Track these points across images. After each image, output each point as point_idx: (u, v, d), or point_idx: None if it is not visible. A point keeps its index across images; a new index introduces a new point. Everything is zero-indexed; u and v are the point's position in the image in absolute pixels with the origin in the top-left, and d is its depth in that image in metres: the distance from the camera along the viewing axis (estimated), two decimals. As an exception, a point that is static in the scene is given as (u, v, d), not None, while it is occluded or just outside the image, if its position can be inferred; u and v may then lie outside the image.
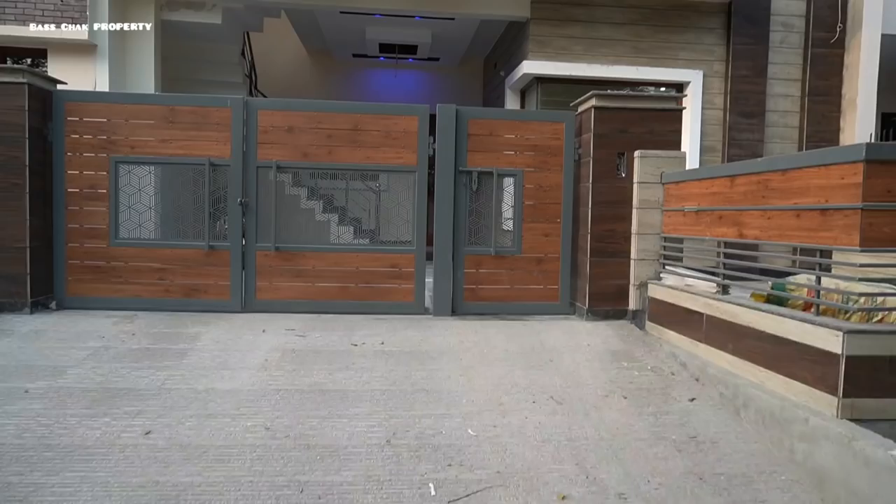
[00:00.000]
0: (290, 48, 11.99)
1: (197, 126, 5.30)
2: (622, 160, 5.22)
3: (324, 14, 9.24)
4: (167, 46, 8.45)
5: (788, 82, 8.39)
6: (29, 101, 4.95)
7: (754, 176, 3.82)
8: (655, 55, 8.17)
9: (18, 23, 6.98)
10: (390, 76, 12.22)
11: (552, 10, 8.00)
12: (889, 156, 2.89)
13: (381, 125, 5.37)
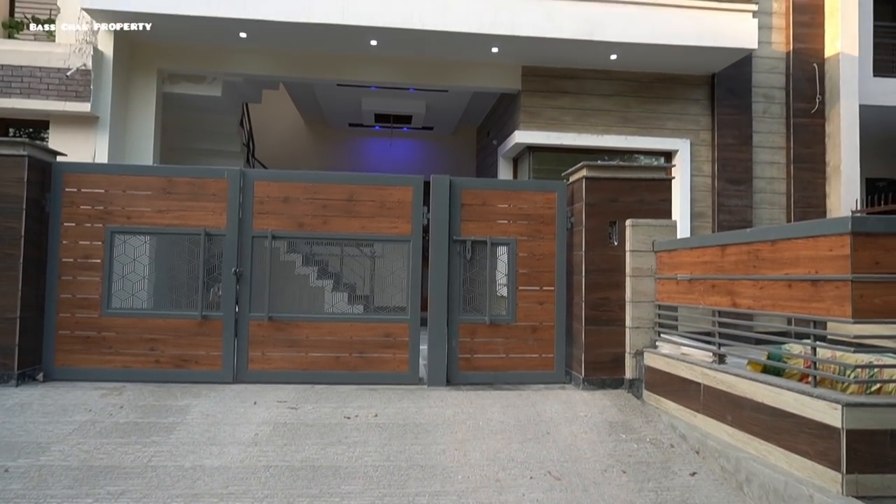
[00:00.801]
0: (288, 118, 12.31)
1: (194, 197, 5.37)
2: (614, 229, 5.29)
3: (321, 86, 9.54)
4: (167, 117, 8.66)
5: (773, 150, 8.62)
6: (28, 172, 5.02)
7: (744, 246, 3.87)
8: (643, 125, 8.42)
9: (23, 96, 7.15)
10: (385, 145, 12.51)
11: (542, 83, 8.29)
12: (874, 228, 2.95)
13: (376, 195, 5.45)
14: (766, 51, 8.60)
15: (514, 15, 7.21)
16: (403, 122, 11.50)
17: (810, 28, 8.64)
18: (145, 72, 7.86)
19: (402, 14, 7.07)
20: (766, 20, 8.60)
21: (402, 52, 7.94)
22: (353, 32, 7.28)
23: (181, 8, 6.86)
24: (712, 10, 7.59)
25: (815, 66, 8.58)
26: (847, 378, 3.28)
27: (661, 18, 7.45)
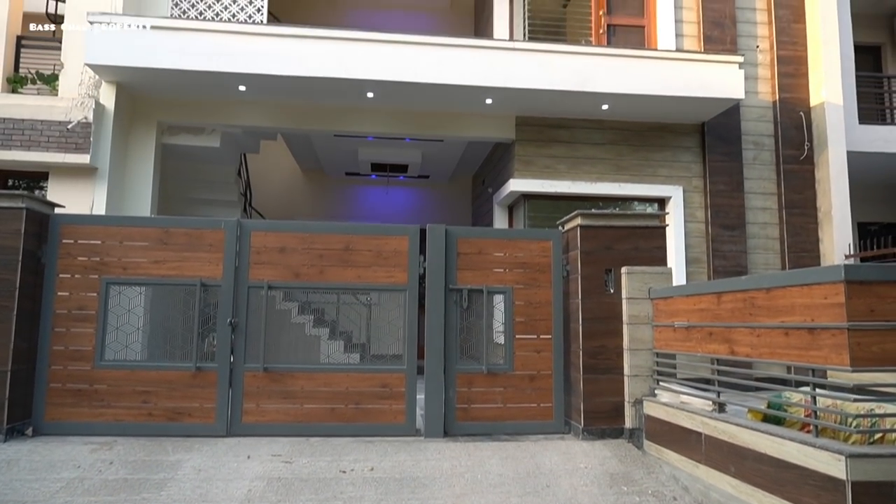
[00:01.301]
0: (285, 167, 12.45)
1: (190, 247, 5.38)
2: (610, 276, 5.31)
3: (318, 137, 9.68)
4: (166, 167, 8.75)
5: (765, 196, 8.73)
6: (26, 224, 5.04)
7: (739, 293, 3.88)
8: (636, 172, 8.54)
9: (24, 148, 7.22)
10: (382, 193, 12.63)
11: (536, 132, 8.44)
12: (867, 276, 2.96)
13: (372, 245, 5.48)
14: (753, 100, 8.81)
15: (508, 67, 7.40)
16: (400, 170, 11.65)
17: (795, 78, 8.88)
18: (145, 124, 7.98)
19: (397, 67, 7.25)
20: (752, 71, 8.83)
21: (398, 103, 8.10)
22: (350, 85, 7.44)
23: (183, 63, 7.02)
24: (699, 62, 7.80)
25: (801, 115, 8.78)
26: (849, 427, 3.25)
27: (650, 70, 7.66)
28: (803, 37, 8.94)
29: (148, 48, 7.00)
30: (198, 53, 7.04)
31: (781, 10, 8.94)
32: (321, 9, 12.42)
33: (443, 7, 12.77)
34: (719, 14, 8.76)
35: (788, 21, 8.94)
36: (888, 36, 12.19)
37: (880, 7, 11.87)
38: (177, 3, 8.10)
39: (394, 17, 12.53)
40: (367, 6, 12.61)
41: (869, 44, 11.96)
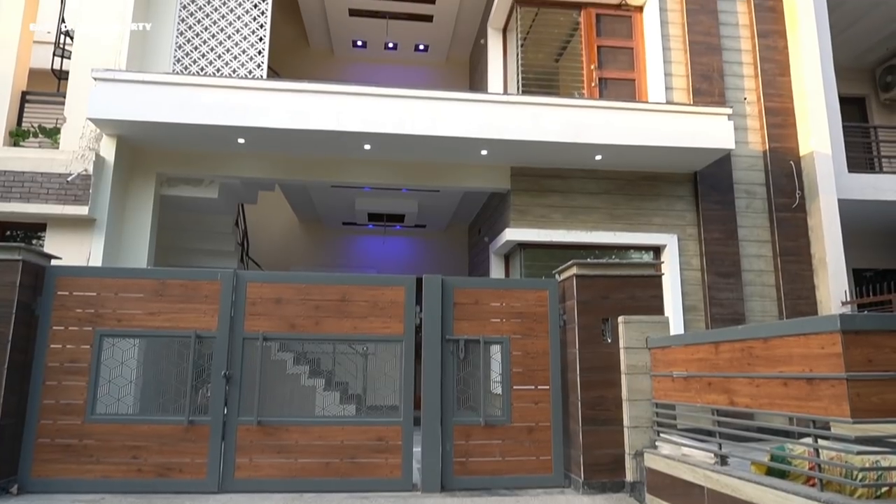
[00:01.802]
0: (283, 217, 12.54)
1: (186, 299, 5.36)
2: (607, 325, 5.29)
3: (316, 188, 9.79)
4: (163, 217, 8.80)
5: (759, 243, 8.79)
6: (21, 277, 5.03)
7: (737, 343, 3.86)
8: (631, 221, 8.61)
9: (23, 200, 7.27)
10: (379, 243, 12.69)
11: (531, 182, 8.55)
12: (863, 326, 2.96)
13: (368, 296, 5.47)
14: (743, 150, 8.97)
15: (502, 120, 7.55)
16: (396, 220, 11.74)
17: (783, 129, 9.07)
18: (144, 175, 8.07)
19: (394, 120, 7.40)
20: (742, 122, 9.03)
21: (394, 155, 8.23)
22: (348, 137, 7.57)
23: (183, 117, 7.15)
24: (689, 113, 7.99)
25: (791, 164, 8.93)
26: (854, 481, 3.18)
27: (641, 121, 7.82)
28: (789, 89, 9.19)
29: (149, 103, 7.15)
30: (198, 107, 7.18)
31: (767, 63, 9.20)
32: (320, 63, 12.76)
33: (439, 62, 13.12)
34: (707, 68, 9.02)
35: (774, 74, 9.20)
36: (871, 88, 12.54)
37: (862, 61, 12.25)
38: (179, 60, 8.31)
39: (391, 71, 12.87)
40: (364, 61, 12.97)
41: (853, 95, 12.30)
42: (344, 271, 12.45)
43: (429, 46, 12.61)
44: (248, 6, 8.57)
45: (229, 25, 8.50)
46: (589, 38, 9.13)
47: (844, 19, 10.77)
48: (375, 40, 12.35)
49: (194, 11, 8.47)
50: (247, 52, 8.46)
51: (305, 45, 12.67)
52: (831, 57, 9.52)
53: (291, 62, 12.37)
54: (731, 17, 9.42)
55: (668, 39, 9.12)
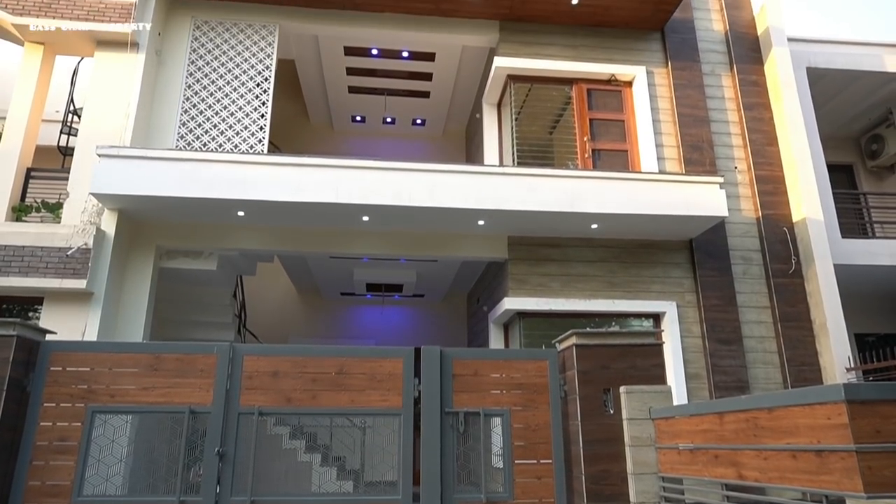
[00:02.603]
0: (281, 287, 12.54)
1: (181, 373, 5.28)
2: (608, 396, 5.19)
3: (314, 258, 9.85)
4: (161, 290, 8.79)
5: (759, 310, 8.77)
6: (15, 353, 4.96)
7: (741, 413, 3.78)
8: (629, 289, 8.62)
9: (21, 275, 7.28)
10: (377, 313, 12.64)
11: (528, 251, 8.61)
12: (868, 396, 2.91)
13: (366, 368, 5.40)
14: (737, 217, 9.10)
15: (498, 191, 7.69)
16: (394, 290, 11.75)
17: (775, 196, 9.24)
18: (144, 248, 8.12)
19: (392, 192, 7.53)
20: (734, 190, 9.21)
21: (392, 226, 8.32)
22: (346, 209, 7.68)
23: (184, 191, 7.28)
24: (682, 182, 8.15)
25: (785, 231, 9.04)
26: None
27: (635, 191, 7.97)
28: (778, 158, 9.42)
29: (151, 177, 7.29)
30: (199, 182, 7.32)
31: (754, 134, 9.48)
32: (320, 137, 13.11)
33: (436, 135, 13.49)
34: (697, 139, 9.27)
35: (762, 144, 9.45)
36: (858, 156, 12.86)
37: (848, 129, 12.63)
38: (182, 136, 8.54)
39: (389, 144, 13.22)
40: (363, 135, 13.33)
41: (841, 163, 12.61)
42: (342, 342, 12.35)
43: (426, 121, 13.00)
44: (251, 85, 8.88)
45: (232, 103, 8.78)
46: (581, 112, 9.43)
47: (826, 91, 11.17)
48: (374, 115, 12.74)
49: (199, 90, 8.77)
50: (249, 128, 8.70)
51: (306, 120, 13.06)
52: (816, 127, 9.83)
53: (292, 136, 12.71)
54: (717, 90, 9.78)
55: (657, 112, 9.43)
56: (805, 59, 10.32)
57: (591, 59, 9.62)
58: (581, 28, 9.81)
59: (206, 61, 8.93)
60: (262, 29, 9.18)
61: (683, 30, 9.97)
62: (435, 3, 9.29)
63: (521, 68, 9.39)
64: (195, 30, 9.06)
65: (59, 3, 8.25)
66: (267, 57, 9.04)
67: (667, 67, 9.70)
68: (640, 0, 9.29)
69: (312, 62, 10.87)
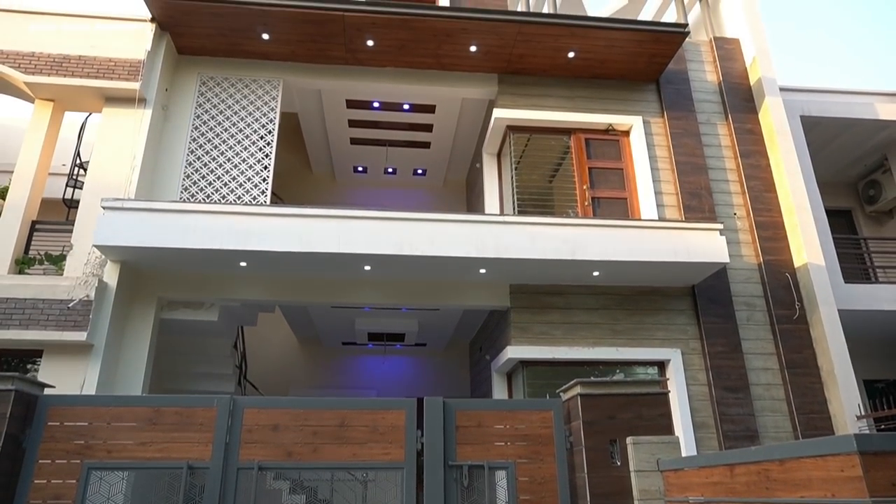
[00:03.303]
0: (282, 337, 12.46)
1: (180, 427, 5.19)
2: (615, 447, 5.09)
3: (315, 308, 9.82)
4: (161, 341, 8.74)
5: (765, 356, 8.67)
6: (12, 408, 4.89)
7: (752, 465, 3.69)
8: (633, 336, 8.55)
9: (22, 327, 7.25)
10: (379, 362, 12.52)
11: (530, 299, 8.58)
12: (881, 447, 2.85)
13: (367, 420, 5.31)
14: (739, 263, 9.11)
15: (499, 239, 7.72)
16: (396, 339, 11.66)
17: (775, 242, 9.26)
18: (145, 300, 8.11)
19: (393, 242, 7.56)
20: (734, 236, 9.24)
21: (394, 275, 8.33)
22: (348, 259, 7.70)
23: (188, 243, 7.32)
24: (682, 229, 8.19)
25: (787, 276, 9.02)
26: None
27: (636, 238, 8.00)
28: (776, 204, 9.49)
29: (154, 229, 7.34)
30: (202, 233, 7.36)
31: (752, 181, 9.58)
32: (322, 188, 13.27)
33: (437, 185, 13.65)
34: (695, 186, 9.37)
35: (760, 191, 9.54)
36: (856, 200, 12.97)
37: (845, 175, 12.78)
38: (186, 188, 8.64)
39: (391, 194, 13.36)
40: (365, 185, 13.49)
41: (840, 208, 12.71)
42: (343, 392, 12.19)
43: (427, 170, 13.17)
44: (255, 138, 9.04)
45: (236, 156, 8.92)
46: (580, 161, 9.57)
47: (821, 138, 11.36)
48: (376, 166, 12.92)
49: (203, 143, 8.93)
50: (252, 180, 8.81)
51: (308, 171, 13.23)
52: (813, 173, 9.95)
53: (294, 187, 12.86)
54: (714, 139, 9.94)
55: (655, 160, 9.56)
56: (798, 108, 10.54)
57: (589, 109, 9.81)
58: (578, 80, 10.05)
59: (212, 115, 9.13)
60: (266, 84, 9.41)
61: (678, 81, 10.21)
62: (435, 57, 9.55)
63: (520, 119, 9.57)
64: (201, 85, 9.29)
65: (71, 62, 8.49)
66: (271, 111, 9.24)
67: (663, 117, 9.89)
68: (635, 53, 9.56)
69: (315, 115, 11.10)
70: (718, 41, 10.72)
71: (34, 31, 8.64)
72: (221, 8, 8.59)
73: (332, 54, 9.44)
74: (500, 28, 9.04)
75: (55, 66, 8.47)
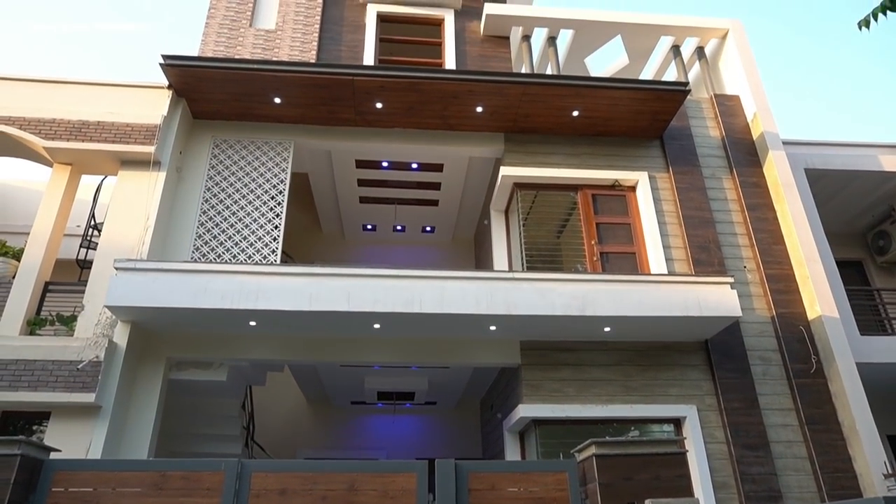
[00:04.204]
0: (290, 397, 12.30)
1: (187, 492, 5.08)
2: (633, 511, 4.92)
3: (325, 367, 9.74)
4: (169, 401, 8.65)
5: (783, 412, 8.44)
6: (17, 473, 4.81)
7: (778, 530, 3.55)
8: (646, 393, 8.39)
9: (30, 389, 7.21)
10: (388, 421, 12.30)
11: (541, 356, 8.48)
12: (912, 509, 2.75)
13: (377, 484, 5.18)
14: (751, 316, 9.00)
15: (509, 296, 7.70)
16: (406, 398, 11.49)
17: (787, 294, 9.17)
18: (154, 360, 8.07)
19: (403, 300, 7.56)
20: (745, 289, 9.16)
21: (403, 333, 8.28)
22: (358, 318, 7.68)
23: (198, 302, 7.34)
24: (693, 283, 8.13)
25: (802, 329, 8.89)
26: None
27: (646, 293, 7.95)
28: (786, 256, 9.45)
29: (166, 290, 7.38)
30: (213, 293, 7.39)
31: (760, 234, 9.58)
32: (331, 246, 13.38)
33: (445, 241, 13.74)
34: (703, 239, 9.38)
35: (769, 243, 9.53)
36: (866, 252, 12.92)
37: (853, 226, 12.78)
38: (197, 248, 8.74)
39: (400, 251, 13.44)
40: (374, 243, 13.60)
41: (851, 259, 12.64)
42: (352, 453, 11.93)
43: (435, 227, 13.28)
44: (265, 198, 9.20)
45: (247, 216, 9.06)
46: (587, 216, 9.63)
47: (827, 190, 11.41)
48: (384, 223, 13.05)
49: (215, 204, 9.08)
50: (262, 239, 8.91)
51: (318, 230, 13.37)
52: (821, 225, 9.95)
53: (304, 245, 12.97)
54: (720, 192, 10.01)
55: (662, 215, 9.61)
56: (802, 161, 10.64)
57: (594, 166, 9.95)
58: (583, 137, 10.24)
59: (224, 176, 9.32)
60: (277, 146, 9.64)
61: (681, 137, 10.38)
62: (442, 118, 9.79)
63: (527, 176, 9.70)
64: (214, 147, 9.53)
65: (89, 128, 8.76)
66: (282, 171, 9.43)
67: (668, 172, 10.00)
68: (638, 111, 9.76)
69: (325, 175, 11.31)
70: (719, 98, 10.95)
71: (57, 99, 8.95)
72: (236, 75, 8.90)
73: (342, 116, 9.70)
74: (505, 89, 9.28)
75: (74, 131, 8.74)
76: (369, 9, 11.54)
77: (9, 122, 8.69)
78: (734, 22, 11.52)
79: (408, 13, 11.66)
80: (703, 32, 11.65)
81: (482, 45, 11.52)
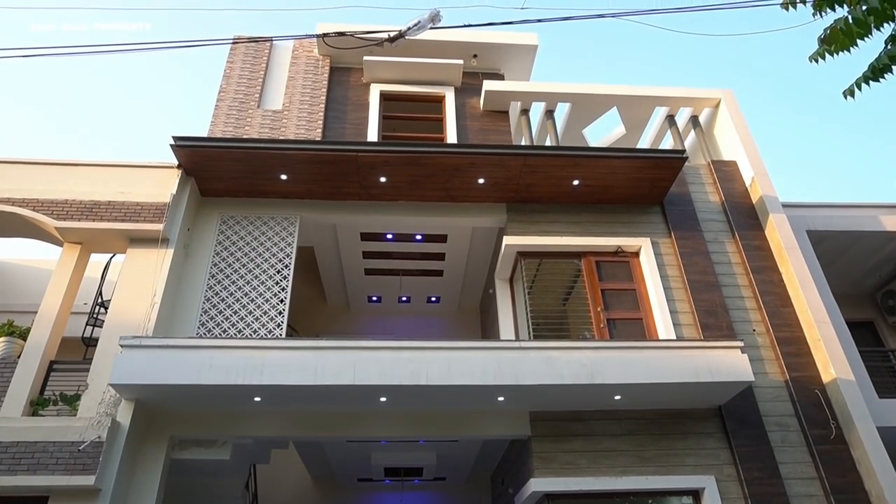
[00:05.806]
0: (295, 474, 11.97)
1: (185, 580, 4.87)
2: (654, 592, 4.67)
3: (330, 443, 9.51)
4: (170, 482, 8.39)
5: (806, 481, 8.11)
6: (11, 563, 4.66)
7: None
8: (662, 463, 8.11)
9: (29, 472, 7.05)
10: (396, 499, 11.90)
11: (551, 427, 8.27)
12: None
13: (385, 567, 4.96)
14: (764, 381, 8.80)
15: (516, 365, 7.60)
16: (414, 474, 11.16)
17: (799, 357, 9.01)
18: (156, 439, 7.90)
19: (409, 372, 7.46)
20: (756, 353, 9.01)
21: (410, 406, 8.14)
22: (364, 391, 7.57)
23: (203, 378, 7.27)
24: (703, 348, 8.01)
25: (817, 393, 8.67)
26: None
27: (655, 359, 7.83)
28: (795, 319, 9.35)
29: (171, 366, 7.33)
30: (218, 368, 7.32)
31: (767, 296, 9.52)
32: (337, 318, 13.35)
33: (451, 311, 13.70)
34: (710, 304, 9.32)
35: (777, 306, 9.45)
36: (877, 312, 12.77)
37: (861, 286, 12.70)
38: (203, 323, 8.74)
39: (405, 322, 13.39)
40: (379, 314, 13.57)
41: (861, 320, 12.48)
42: (359, 535, 11.48)
43: (440, 297, 13.28)
44: (271, 272, 9.28)
45: (253, 290, 9.11)
46: (592, 283, 9.63)
47: (831, 251, 11.42)
48: (390, 295, 13.06)
49: (222, 279, 9.15)
50: (268, 314, 8.92)
51: (323, 302, 13.38)
52: (827, 286, 9.89)
53: (309, 318, 12.94)
54: (723, 256, 10.03)
55: (667, 280, 9.60)
56: (804, 223, 10.70)
57: (597, 233, 10.04)
58: (584, 205, 10.38)
59: (231, 252, 9.43)
60: (283, 220, 9.80)
61: (682, 202, 10.51)
62: (445, 190, 9.98)
63: (530, 245, 9.78)
64: (221, 224, 9.70)
65: (100, 207, 8.97)
66: (287, 246, 9.55)
67: (671, 237, 10.07)
68: (637, 179, 9.94)
69: (330, 248, 11.43)
70: (716, 164, 11.16)
71: (70, 180, 9.21)
72: (244, 153, 9.18)
73: (347, 191, 9.91)
74: (506, 161, 9.51)
75: (86, 211, 8.94)
76: (372, 88, 12.00)
77: (22, 204, 8.91)
78: (726, 92, 11.90)
79: (410, 91, 12.11)
80: (696, 102, 12.01)
81: (482, 119, 11.89)
